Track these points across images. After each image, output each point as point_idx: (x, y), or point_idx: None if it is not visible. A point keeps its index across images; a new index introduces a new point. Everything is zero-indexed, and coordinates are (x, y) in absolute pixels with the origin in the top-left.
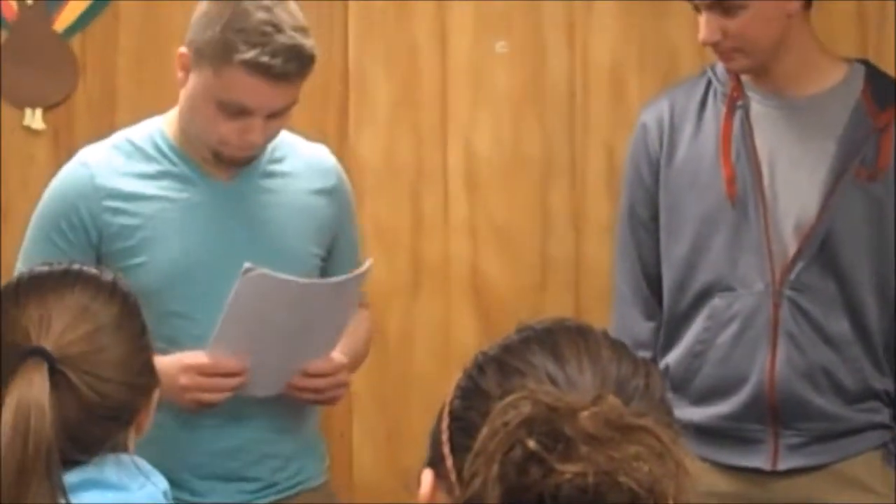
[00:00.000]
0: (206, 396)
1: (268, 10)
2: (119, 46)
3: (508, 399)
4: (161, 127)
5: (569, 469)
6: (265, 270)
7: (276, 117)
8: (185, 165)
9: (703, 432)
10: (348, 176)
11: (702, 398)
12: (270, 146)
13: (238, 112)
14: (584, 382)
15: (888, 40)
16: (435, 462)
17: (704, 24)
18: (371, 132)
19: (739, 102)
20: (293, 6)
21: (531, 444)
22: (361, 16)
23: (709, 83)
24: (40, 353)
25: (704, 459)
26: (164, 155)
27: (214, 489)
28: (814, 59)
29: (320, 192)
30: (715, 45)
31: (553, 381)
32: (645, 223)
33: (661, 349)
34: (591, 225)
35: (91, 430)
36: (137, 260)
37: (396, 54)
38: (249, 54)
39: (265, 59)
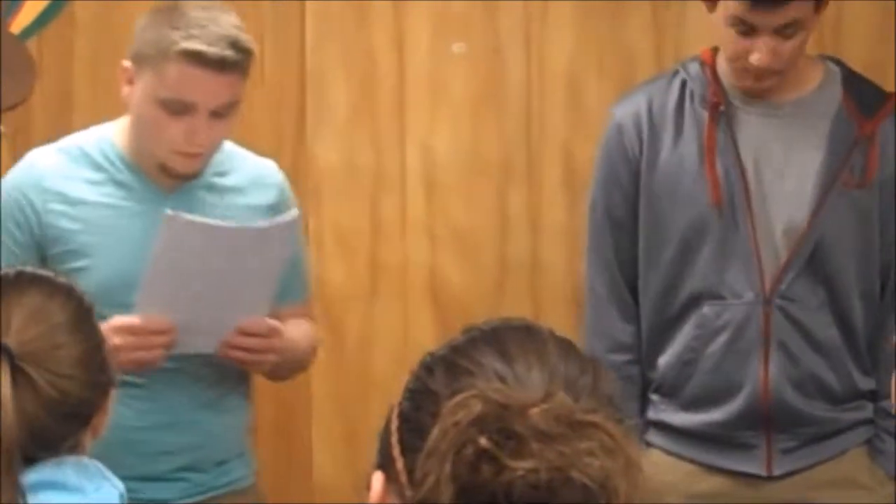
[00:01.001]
0: (142, 355)
1: (206, 9)
2: (75, 50)
3: (458, 398)
4: (109, 136)
5: (521, 466)
6: (187, 215)
7: (220, 118)
8: (129, 174)
9: (695, 436)
10: (305, 179)
11: (692, 404)
12: (217, 159)
13: (181, 109)
14: (533, 380)
15: (844, 42)
16: (385, 464)
17: (764, 47)
18: (329, 135)
19: (722, 108)
20: (233, 13)
21: (483, 441)
22: (318, 19)
23: (683, 83)
24: (2, 350)
25: (693, 461)
26: (111, 163)
27: (143, 489)
28: (799, 63)
29: (260, 208)
30: (759, 68)
31: (502, 380)
32: (622, 224)
33: (646, 353)
34: (548, 228)
35: (51, 427)
36: (77, 264)
37: (354, 57)
38: (186, 44)
39: (202, 46)
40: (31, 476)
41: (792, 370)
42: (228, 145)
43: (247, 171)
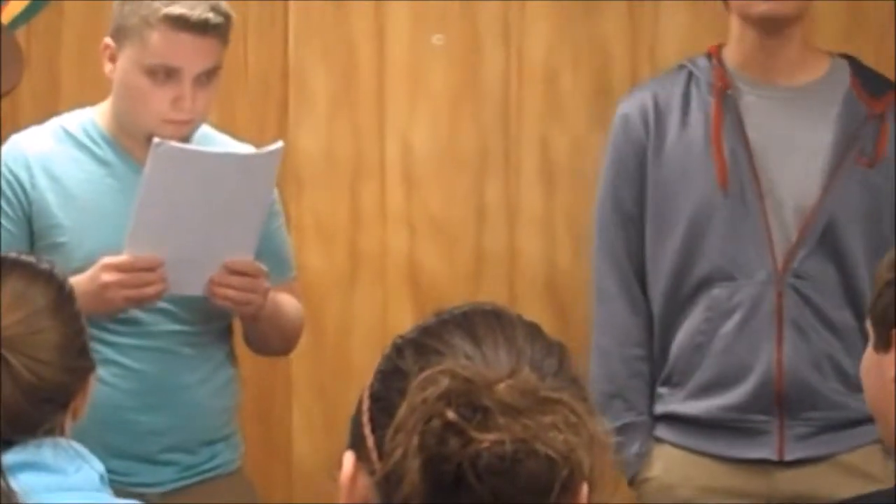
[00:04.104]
0: (131, 293)
1: None
2: (63, 40)
3: (426, 374)
4: (92, 116)
5: (487, 438)
6: (175, 143)
7: (203, 85)
8: (112, 153)
9: (704, 425)
10: (287, 169)
11: (703, 391)
12: (195, 142)
13: (166, 75)
14: (500, 360)
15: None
16: (356, 444)
17: None
18: (310, 127)
19: (728, 91)
20: None
21: (450, 414)
22: (301, 11)
23: (689, 75)
24: None
25: (704, 453)
26: (94, 142)
27: (132, 469)
28: (806, 50)
29: None
30: None
31: (470, 360)
32: (632, 218)
33: (658, 344)
34: (524, 218)
35: (28, 411)
36: (60, 239)
37: (335, 50)
38: (169, 9)
39: (184, 10)
40: (9, 457)
41: (805, 349)
42: (207, 129)
43: None
